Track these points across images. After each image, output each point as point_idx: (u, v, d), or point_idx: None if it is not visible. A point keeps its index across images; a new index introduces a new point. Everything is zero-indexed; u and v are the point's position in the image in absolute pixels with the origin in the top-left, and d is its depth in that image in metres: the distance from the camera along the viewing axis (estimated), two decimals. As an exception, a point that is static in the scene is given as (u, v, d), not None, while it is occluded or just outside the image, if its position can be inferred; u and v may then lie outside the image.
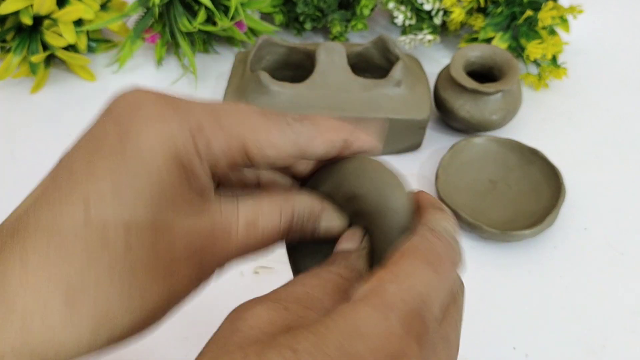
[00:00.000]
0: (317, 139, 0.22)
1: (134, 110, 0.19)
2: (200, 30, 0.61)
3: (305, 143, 0.21)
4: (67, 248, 0.17)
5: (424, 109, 0.50)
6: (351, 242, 0.23)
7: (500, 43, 0.60)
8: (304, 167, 0.25)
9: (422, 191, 0.23)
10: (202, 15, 0.56)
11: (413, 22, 0.62)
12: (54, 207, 0.18)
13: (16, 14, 0.56)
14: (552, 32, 0.61)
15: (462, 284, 0.22)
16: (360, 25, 0.65)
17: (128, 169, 0.18)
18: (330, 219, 0.23)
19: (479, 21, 0.61)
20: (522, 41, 0.59)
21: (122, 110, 0.19)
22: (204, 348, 0.18)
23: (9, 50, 0.59)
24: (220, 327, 0.18)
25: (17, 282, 0.17)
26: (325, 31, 0.69)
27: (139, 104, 0.19)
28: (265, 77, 0.49)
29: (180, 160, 0.19)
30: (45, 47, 0.59)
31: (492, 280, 0.44)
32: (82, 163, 0.19)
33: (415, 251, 0.19)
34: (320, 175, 0.24)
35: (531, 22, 0.59)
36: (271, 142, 0.20)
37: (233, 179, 0.24)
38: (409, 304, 0.17)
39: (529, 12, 0.57)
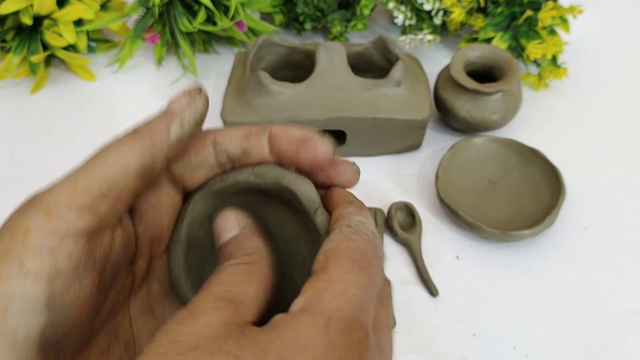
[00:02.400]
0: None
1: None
2: (200, 30, 0.61)
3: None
4: None
5: (424, 109, 0.50)
6: (230, 229, 0.23)
7: (500, 43, 0.60)
8: None
9: (334, 187, 0.23)
10: (202, 15, 0.56)
11: (413, 22, 0.62)
12: None
13: (16, 14, 0.56)
14: (552, 32, 0.61)
15: (387, 281, 0.22)
16: (360, 25, 0.65)
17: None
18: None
19: (479, 21, 0.61)
20: (522, 41, 0.59)
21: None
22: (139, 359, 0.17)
23: (9, 50, 0.59)
24: (154, 341, 0.17)
25: None
26: (325, 31, 0.69)
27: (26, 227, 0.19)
28: (265, 77, 0.49)
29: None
30: (45, 47, 0.59)
31: (492, 280, 0.44)
32: None
33: (339, 252, 0.19)
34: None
35: (531, 22, 0.59)
36: None
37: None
38: (346, 312, 0.17)
39: (529, 12, 0.57)
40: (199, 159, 0.23)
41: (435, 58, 0.65)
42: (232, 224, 0.23)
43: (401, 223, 0.48)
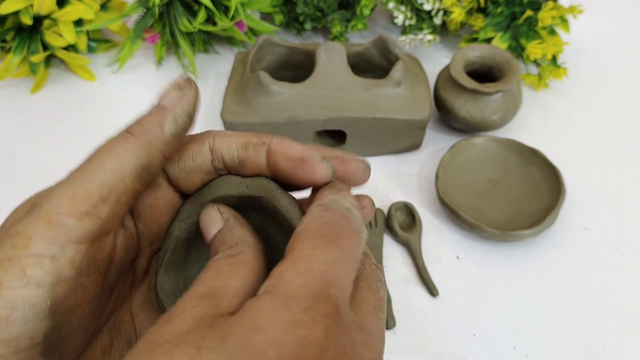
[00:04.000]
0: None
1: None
2: (200, 30, 0.61)
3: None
4: None
5: (424, 109, 0.50)
6: (214, 224, 0.22)
7: (500, 43, 0.60)
8: None
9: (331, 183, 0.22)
10: (202, 15, 0.56)
11: (413, 22, 0.62)
12: None
13: (16, 14, 0.56)
14: (552, 32, 0.61)
15: (377, 265, 0.22)
16: (360, 25, 0.65)
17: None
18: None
19: (479, 21, 0.61)
20: (522, 41, 0.59)
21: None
22: None
23: (9, 50, 0.59)
24: (136, 345, 0.17)
25: None
26: (325, 31, 0.69)
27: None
28: (265, 77, 0.49)
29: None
30: (45, 47, 0.59)
31: (492, 280, 0.44)
32: None
33: (307, 231, 0.18)
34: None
35: (531, 22, 0.59)
36: None
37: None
38: (310, 288, 0.17)
39: (529, 12, 0.57)
40: (194, 163, 0.22)
41: (435, 58, 0.65)
42: (215, 219, 0.22)
43: (401, 223, 0.48)
